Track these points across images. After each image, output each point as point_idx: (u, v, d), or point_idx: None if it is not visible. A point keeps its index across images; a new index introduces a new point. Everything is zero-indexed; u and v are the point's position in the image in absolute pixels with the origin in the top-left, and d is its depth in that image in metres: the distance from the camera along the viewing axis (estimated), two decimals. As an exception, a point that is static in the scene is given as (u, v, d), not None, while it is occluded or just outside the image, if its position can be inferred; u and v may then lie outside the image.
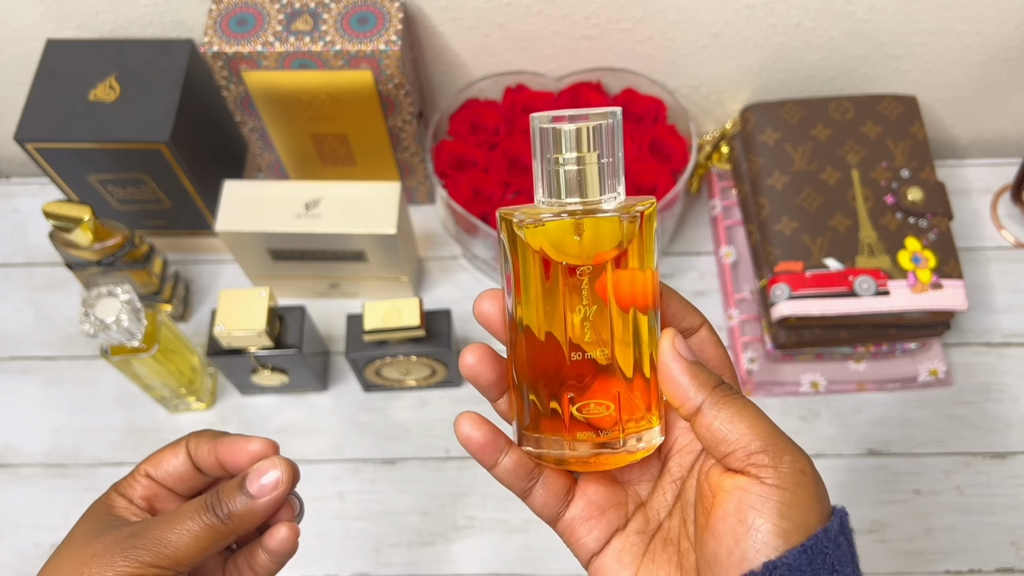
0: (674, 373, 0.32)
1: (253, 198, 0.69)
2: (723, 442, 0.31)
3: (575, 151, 0.32)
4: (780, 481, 0.30)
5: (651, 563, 0.34)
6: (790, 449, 0.31)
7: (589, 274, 0.32)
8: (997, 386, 0.74)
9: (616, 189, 0.33)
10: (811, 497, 0.31)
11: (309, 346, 0.70)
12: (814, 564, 0.29)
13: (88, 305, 0.62)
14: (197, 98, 0.71)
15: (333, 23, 0.65)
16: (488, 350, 0.35)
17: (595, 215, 0.32)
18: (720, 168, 0.79)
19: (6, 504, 0.71)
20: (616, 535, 0.35)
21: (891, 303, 0.68)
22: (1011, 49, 0.74)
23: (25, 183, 0.85)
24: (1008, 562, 0.67)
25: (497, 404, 0.36)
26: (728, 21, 0.70)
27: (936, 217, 0.71)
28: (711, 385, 0.32)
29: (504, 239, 0.33)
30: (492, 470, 0.35)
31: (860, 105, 0.74)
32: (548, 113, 0.33)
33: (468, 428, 0.35)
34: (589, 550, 0.36)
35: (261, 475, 0.38)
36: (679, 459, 0.36)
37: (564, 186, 0.33)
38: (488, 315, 0.35)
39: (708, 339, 0.35)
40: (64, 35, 0.73)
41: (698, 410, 0.32)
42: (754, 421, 0.31)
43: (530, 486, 0.36)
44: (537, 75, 0.76)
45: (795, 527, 0.30)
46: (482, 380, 0.35)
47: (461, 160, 0.75)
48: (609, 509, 0.36)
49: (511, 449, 0.35)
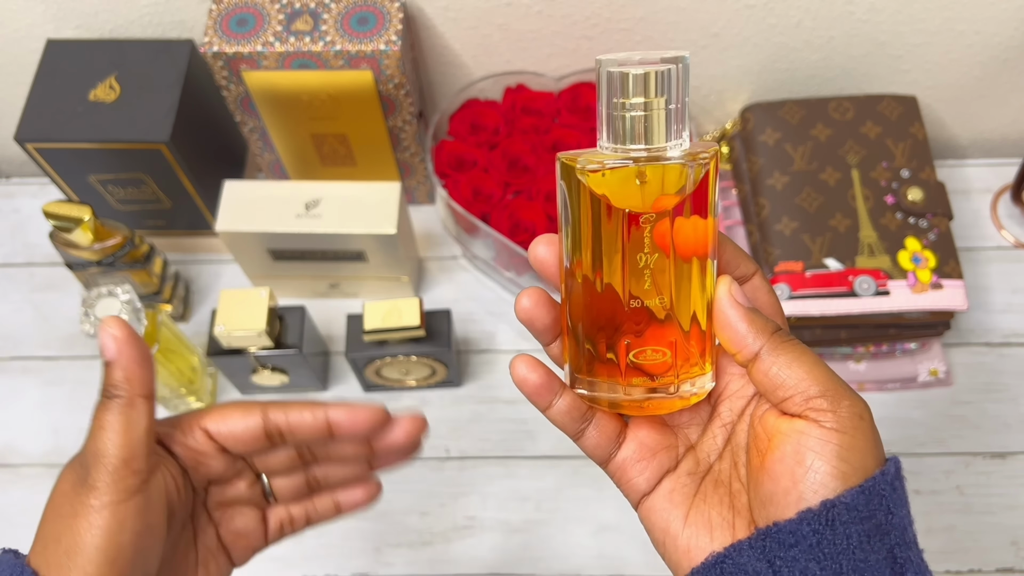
0: (732, 320, 0.33)
1: (253, 198, 0.69)
2: (781, 387, 0.32)
3: (642, 96, 0.32)
4: (839, 425, 0.31)
5: (703, 503, 0.35)
6: (848, 394, 0.31)
7: (652, 223, 0.32)
8: (997, 386, 0.74)
9: (682, 136, 0.32)
10: (869, 441, 0.31)
11: (309, 346, 0.70)
12: (871, 505, 0.30)
13: (88, 305, 0.62)
14: (197, 98, 0.71)
15: (333, 23, 0.65)
16: (543, 294, 0.35)
17: (660, 162, 0.32)
18: (720, 168, 0.79)
19: (6, 504, 0.71)
20: (667, 476, 0.36)
21: (891, 303, 0.68)
22: (1011, 49, 0.74)
23: (25, 183, 0.85)
24: (1008, 562, 0.67)
25: (550, 348, 0.36)
26: (728, 21, 0.70)
27: (936, 217, 0.71)
28: (769, 331, 0.32)
29: (564, 185, 0.33)
30: (546, 411, 0.36)
31: (860, 105, 0.74)
32: (615, 56, 0.32)
33: (524, 370, 0.35)
34: (640, 490, 0.36)
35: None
36: (730, 404, 0.36)
37: (629, 132, 0.32)
38: (544, 260, 0.35)
39: (761, 286, 0.35)
40: (64, 35, 0.73)
41: (756, 356, 0.32)
42: (812, 367, 0.32)
43: (583, 427, 0.36)
44: (537, 75, 0.76)
45: (853, 469, 0.30)
46: (537, 323, 0.35)
47: (461, 160, 0.75)
48: (660, 451, 0.36)
49: (564, 391, 0.35)
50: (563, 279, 0.34)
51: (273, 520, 0.43)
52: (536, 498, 0.70)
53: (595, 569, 0.67)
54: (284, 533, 0.43)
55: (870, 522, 0.30)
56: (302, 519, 0.43)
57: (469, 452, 0.72)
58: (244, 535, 0.42)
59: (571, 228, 0.33)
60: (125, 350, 0.36)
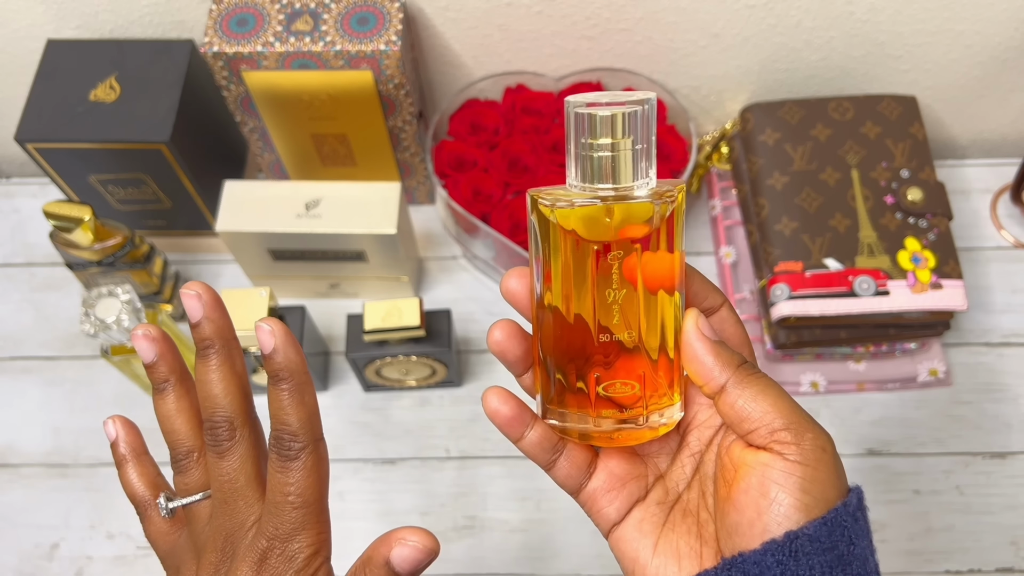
0: (699, 353, 0.33)
1: (253, 198, 0.69)
2: (747, 419, 0.32)
3: (609, 137, 0.32)
4: (802, 458, 0.31)
5: (671, 532, 0.36)
6: (811, 427, 0.32)
7: (620, 259, 0.33)
8: (997, 386, 0.74)
9: (648, 174, 0.33)
10: (831, 473, 0.32)
11: (309, 346, 0.70)
12: (833, 536, 0.31)
13: (88, 305, 0.62)
14: (197, 98, 0.71)
15: (333, 23, 0.65)
16: (515, 326, 0.35)
17: (627, 201, 0.32)
18: (720, 168, 0.79)
19: (6, 504, 0.71)
20: (636, 506, 0.37)
21: (891, 303, 0.68)
22: (1011, 49, 0.74)
23: (25, 183, 0.85)
24: (1008, 562, 0.67)
25: (522, 379, 0.37)
26: (728, 21, 0.70)
27: (936, 217, 0.71)
28: (735, 364, 0.33)
29: (535, 220, 0.33)
30: (517, 443, 0.36)
31: (860, 105, 0.74)
32: (583, 97, 0.33)
33: (496, 403, 0.35)
34: (610, 520, 0.37)
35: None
36: (698, 434, 0.36)
37: (597, 171, 0.33)
38: (516, 293, 0.35)
39: (728, 318, 0.36)
40: (64, 35, 0.73)
41: (722, 389, 0.33)
42: (776, 399, 0.32)
43: (554, 458, 0.37)
44: (537, 75, 0.76)
45: (816, 501, 0.31)
46: (509, 355, 0.36)
47: (461, 160, 0.75)
48: (630, 481, 0.37)
49: (536, 423, 0.36)
50: (535, 311, 0.35)
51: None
52: (536, 498, 0.70)
53: (595, 569, 0.68)
54: None
55: (832, 553, 0.31)
56: None
57: (469, 452, 0.72)
58: None
59: (542, 261, 0.34)
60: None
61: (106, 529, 0.70)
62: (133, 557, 0.69)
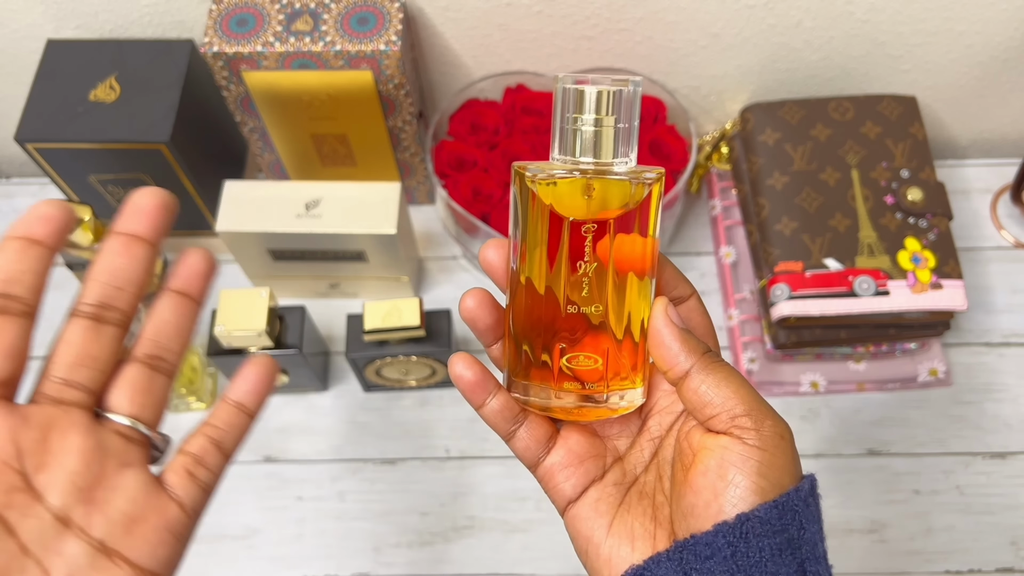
0: (665, 338, 0.34)
1: (253, 198, 0.69)
2: (708, 405, 0.33)
3: (594, 112, 0.34)
4: (761, 443, 0.32)
5: (626, 513, 0.36)
6: (771, 415, 0.33)
7: (593, 232, 0.34)
8: (997, 386, 0.74)
9: (628, 155, 0.35)
10: (788, 460, 0.33)
11: (309, 346, 0.70)
12: (784, 519, 0.31)
13: (88, 305, 0.62)
14: (197, 98, 0.71)
15: (333, 23, 0.65)
16: (487, 295, 0.36)
17: (606, 176, 0.34)
18: (720, 168, 0.79)
19: (6, 504, 0.71)
20: (593, 485, 0.37)
21: (891, 303, 0.68)
22: (1011, 49, 0.74)
23: (25, 183, 0.85)
24: (1008, 562, 0.67)
25: (491, 350, 0.38)
26: (728, 21, 0.70)
27: (936, 217, 0.71)
28: (699, 352, 0.34)
29: (516, 192, 0.35)
30: (479, 410, 0.37)
31: (860, 105, 0.74)
32: (573, 73, 0.34)
33: (460, 367, 0.36)
34: (566, 496, 0.37)
35: None
36: (659, 419, 0.37)
37: (580, 145, 0.34)
38: (492, 263, 0.36)
39: (696, 308, 0.37)
40: (64, 35, 0.73)
41: (686, 374, 0.34)
42: (739, 387, 0.33)
43: (514, 429, 0.37)
44: (537, 75, 0.76)
45: (771, 485, 0.32)
46: (479, 324, 0.36)
47: (461, 160, 0.75)
48: (588, 459, 0.37)
49: (499, 392, 0.37)
50: (509, 283, 0.36)
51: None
52: (536, 498, 0.70)
53: (595, 569, 0.68)
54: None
55: (782, 536, 0.31)
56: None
57: (469, 452, 0.72)
58: None
59: (519, 232, 0.35)
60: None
61: (106, 529, 0.70)
62: (133, 557, 0.69)
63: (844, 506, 0.69)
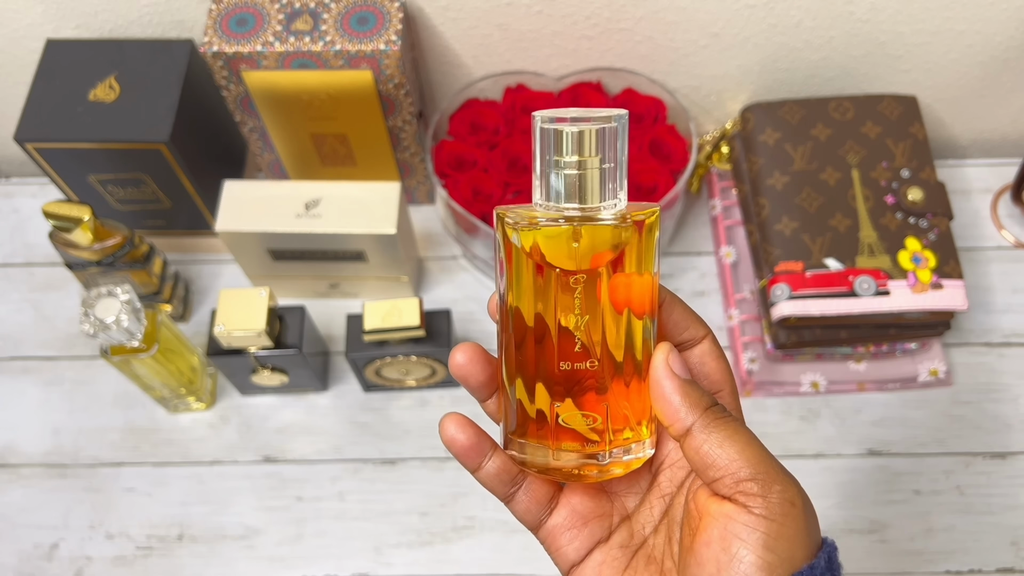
0: (666, 391, 0.31)
1: (253, 198, 0.69)
2: (712, 467, 0.30)
3: (576, 155, 0.31)
4: (768, 512, 0.29)
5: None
6: (780, 478, 0.30)
7: (584, 282, 0.31)
8: (997, 386, 0.74)
9: (617, 195, 0.32)
10: (799, 530, 0.29)
11: (309, 346, 0.70)
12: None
13: (88, 305, 0.62)
14: (197, 98, 0.71)
15: (333, 23, 0.65)
16: (479, 349, 0.34)
17: (593, 223, 0.31)
18: (720, 168, 0.79)
19: (6, 504, 0.71)
20: (598, 547, 0.35)
21: (891, 303, 0.68)
22: (1011, 49, 0.74)
23: (25, 183, 0.85)
24: (1008, 562, 0.67)
25: (486, 405, 0.35)
26: (728, 21, 0.70)
27: (936, 217, 0.71)
28: (703, 406, 0.31)
29: (499, 238, 0.32)
30: (475, 473, 0.35)
31: (860, 105, 0.74)
32: (551, 112, 0.31)
33: (453, 430, 0.34)
34: (569, 560, 0.35)
35: None
36: (670, 474, 0.35)
37: (563, 191, 0.31)
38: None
39: (710, 351, 0.34)
40: (64, 35, 0.73)
41: (688, 431, 0.31)
42: (745, 446, 0.30)
43: (513, 492, 0.35)
44: (537, 75, 0.76)
45: (780, 560, 0.29)
46: (472, 380, 0.34)
47: (461, 160, 0.75)
48: (593, 520, 0.35)
49: (495, 453, 0.34)
50: (500, 334, 0.34)
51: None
52: (536, 498, 0.70)
53: (595, 569, 0.67)
54: None
55: None
56: None
57: (469, 452, 0.72)
58: None
59: (505, 282, 0.32)
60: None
61: (105, 529, 0.70)
62: (133, 557, 0.69)
63: (844, 506, 0.69)
